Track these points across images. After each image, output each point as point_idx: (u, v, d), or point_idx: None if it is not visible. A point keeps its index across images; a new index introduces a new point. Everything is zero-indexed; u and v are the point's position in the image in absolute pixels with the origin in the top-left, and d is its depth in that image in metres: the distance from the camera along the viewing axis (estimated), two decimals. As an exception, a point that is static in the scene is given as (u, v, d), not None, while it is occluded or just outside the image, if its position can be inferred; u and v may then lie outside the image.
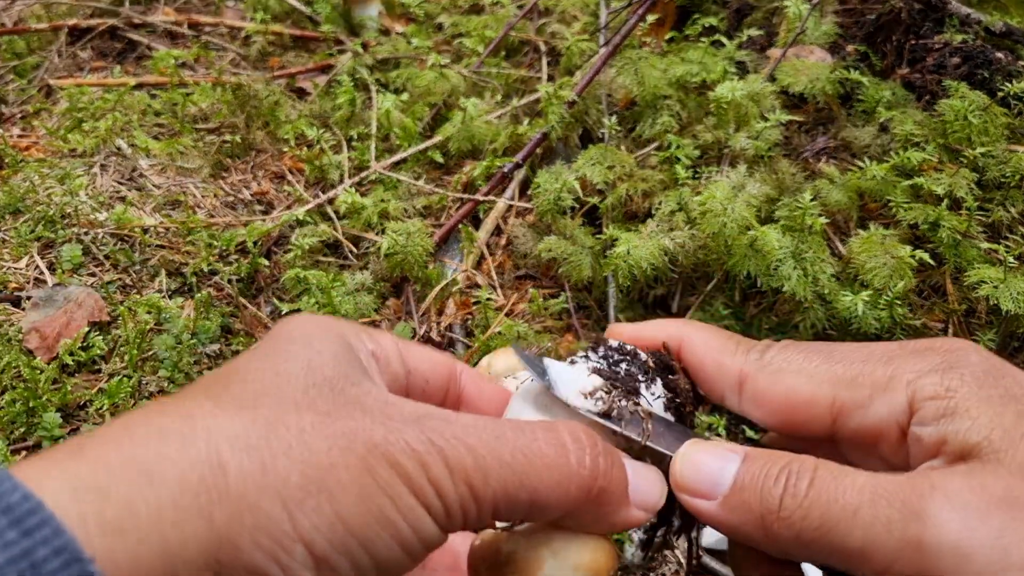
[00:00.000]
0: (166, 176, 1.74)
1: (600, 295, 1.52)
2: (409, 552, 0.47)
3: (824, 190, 1.43)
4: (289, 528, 0.43)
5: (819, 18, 1.73)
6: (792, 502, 0.48)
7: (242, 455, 0.44)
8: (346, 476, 0.45)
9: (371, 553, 0.45)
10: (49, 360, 1.31)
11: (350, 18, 2.26)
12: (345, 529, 0.45)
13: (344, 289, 1.49)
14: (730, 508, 0.50)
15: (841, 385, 0.53)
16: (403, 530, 0.46)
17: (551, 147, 1.72)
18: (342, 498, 0.45)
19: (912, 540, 0.44)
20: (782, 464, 0.50)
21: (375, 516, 0.45)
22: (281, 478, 0.44)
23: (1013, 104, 1.46)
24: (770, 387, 0.55)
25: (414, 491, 0.46)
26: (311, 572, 0.44)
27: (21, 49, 2.19)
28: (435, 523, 0.47)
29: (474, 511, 0.48)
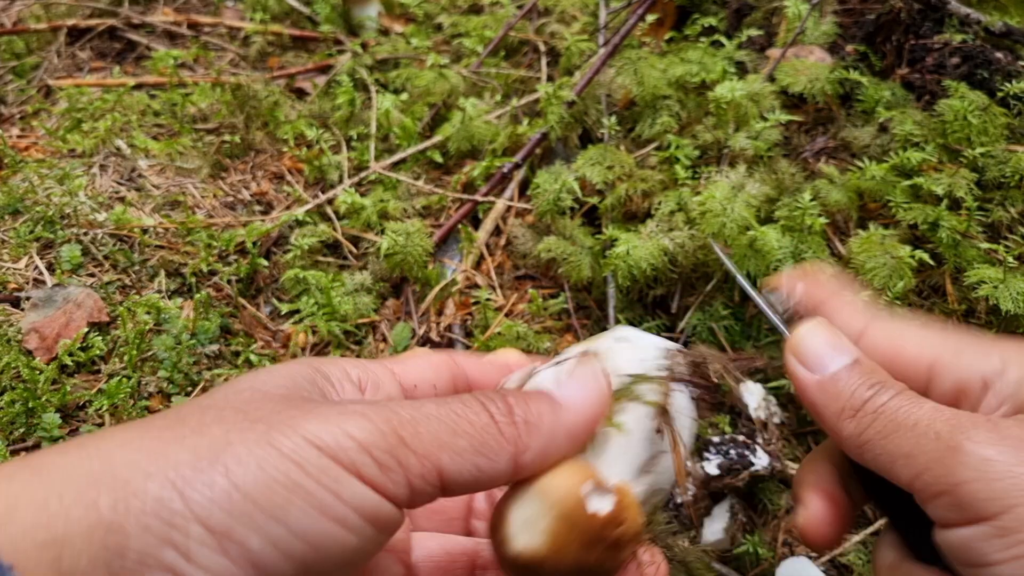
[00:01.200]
0: (165, 176, 1.74)
1: (600, 295, 1.52)
2: (339, 520, 0.45)
3: (823, 190, 1.42)
4: (180, 506, 0.42)
5: (818, 18, 1.73)
6: (870, 406, 0.55)
7: (133, 451, 0.44)
8: (243, 450, 0.45)
9: (285, 522, 0.44)
10: (48, 361, 1.31)
11: (349, 18, 2.26)
12: (244, 498, 0.43)
13: (343, 289, 1.49)
14: (822, 389, 0.58)
15: (947, 349, 0.59)
16: (318, 494, 0.44)
17: (550, 147, 1.72)
18: (238, 469, 0.44)
19: (953, 445, 0.50)
20: (880, 377, 0.57)
21: (281, 482, 0.44)
22: (171, 462, 0.44)
23: (1013, 104, 1.46)
24: (885, 341, 0.61)
25: (328, 455, 0.45)
26: (213, 550, 0.42)
27: (20, 49, 2.19)
28: (363, 484, 0.46)
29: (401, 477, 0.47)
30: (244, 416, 0.47)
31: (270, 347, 1.45)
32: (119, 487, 0.42)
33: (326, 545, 0.45)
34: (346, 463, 0.46)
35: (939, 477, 0.50)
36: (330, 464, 0.45)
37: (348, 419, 0.47)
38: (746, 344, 1.41)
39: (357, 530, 0.46)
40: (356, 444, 0.46)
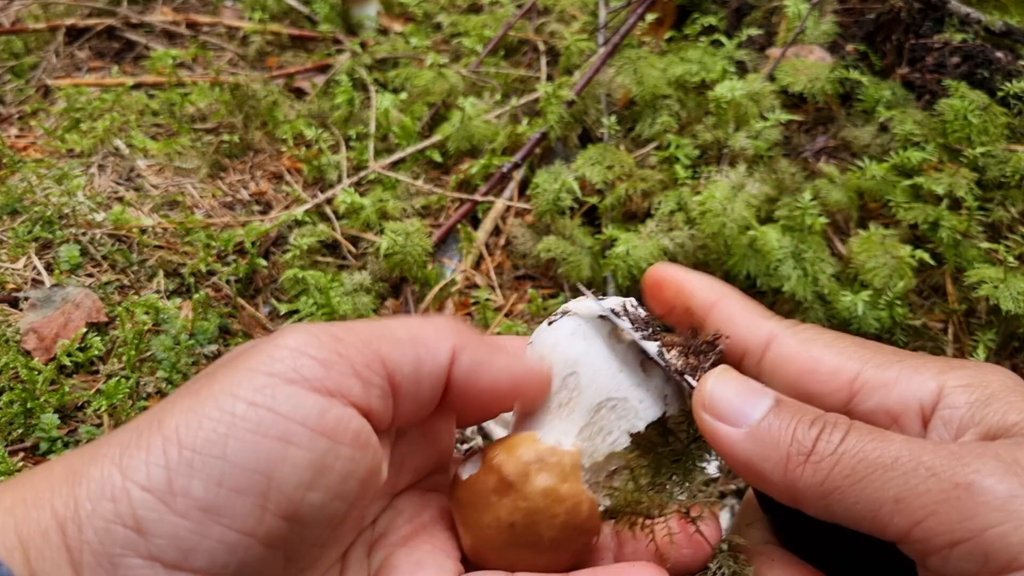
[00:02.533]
0: (164, 176, 1.74)
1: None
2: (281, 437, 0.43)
3: (824, 190, 1.42)
4: (119, 479, 0.42)
5: (818, 17, 1.73)
6: (825, 447, 0.46)
7: (89, 449, 0.45)
8: (181, 406, 0.44)
9: (223, 456, 0.42)
10: (47, 361, 1.31)
11: (348, 17, 2.26)
12: (179, 447, 0.42)
13: (342, 289, 1.49)
14: (756, 440, 0.49)
15: (869, 363, 0.52)
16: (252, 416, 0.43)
17: (550, 147, 1.72)
18: (172, 422, 0.43)
19: (963, 483, 0.42)
20: (816, 414, 0.49)
21: (214, 418, 0.43)
22: (110, 442, 0.44)
23: (1013, 103, 1.46)
24: (797, 353, 0.54)
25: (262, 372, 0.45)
26: (159, 511, 0.41)
27: (19, 49, 2.19)
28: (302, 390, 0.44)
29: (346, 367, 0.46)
30: (192, 383, 0.47)
31: (269, 347, 1.45)
32: (70, 481, 0.42)
33: (275, 468, 0.43)
34: (282, 372, 0.45)
35: (954, 523, 0.42)
36: (265, 380, 0.44)
37: (284, 334, 0.47)
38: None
39: (306, 443, 0.44)
40: (291, 352, 0.45)
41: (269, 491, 0.43)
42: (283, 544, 0.44)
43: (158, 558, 0.41)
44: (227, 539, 0.42)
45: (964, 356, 1.30)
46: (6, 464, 1.14)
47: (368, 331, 0.49)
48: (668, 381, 0.56)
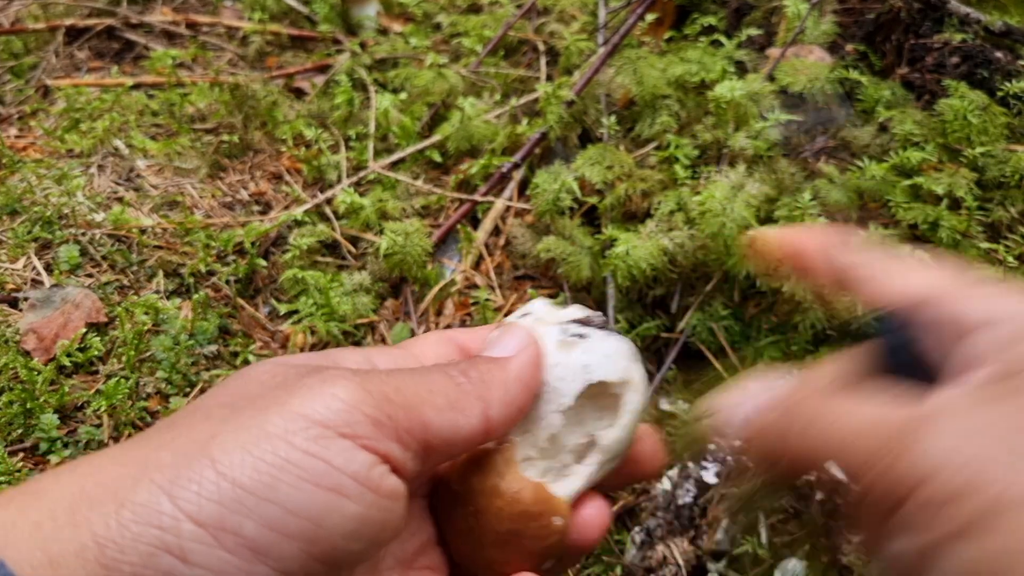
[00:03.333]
0: (163, 176, 1.74)
1: (599, 295, 1.52)
2: (334, 488, 0.44)
3: (823, 190, 1.42)
4: (169, 507, 0.42)
5: (818, 17, 1.73)
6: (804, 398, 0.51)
7: (121, 464, 0.44)
8: (229, 438, 0.44)
9: (276, 501, 0.43)
10: (46, 361, 1.31)
11: (348, 17, 2.26)
12: (232, 485, 0.43)
13: (342, 289, 1.49)
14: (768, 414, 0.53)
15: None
16: (308, 465, 0.44)
17: (550, 147, 1.72)
18: (224, 458, 0.43)
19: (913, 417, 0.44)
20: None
21: (268, 461, 0.43)
22: (155, 465, 0.43)
23: (1012, 103, 1.46)
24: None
25: (317, 422, 0.45)
26: (208, 545, 0.42)
27: (18, 49, 2.19)
28: (354, 446, 0.45)
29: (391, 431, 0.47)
30: (231, 408, 0.47)
31: (269, 347, 1.45)
32: (108, 500, 0.42)
33: (325, 517, 0.44)
34: (337, 425, 0.46)
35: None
36: (320, 431, 0.45)
37: (336, 383, 0.47)
38: (746, 344, 1.41)
39: (356, 496, 0.45)
40: (345, 405, 0.46)
41: (317, 538, 0.44)
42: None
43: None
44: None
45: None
46: (6, 464, 1.14)
47: (414, 394, 0.50)
48: (588, 352, 0.58)
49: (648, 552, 1.15)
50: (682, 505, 1.17)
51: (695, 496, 1.18)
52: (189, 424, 0.47)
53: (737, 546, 1.20)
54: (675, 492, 1.19)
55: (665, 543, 1.15)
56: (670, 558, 1.14)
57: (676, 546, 1.14)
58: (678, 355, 1.43)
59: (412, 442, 0.49)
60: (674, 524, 1.16)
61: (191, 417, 0.48)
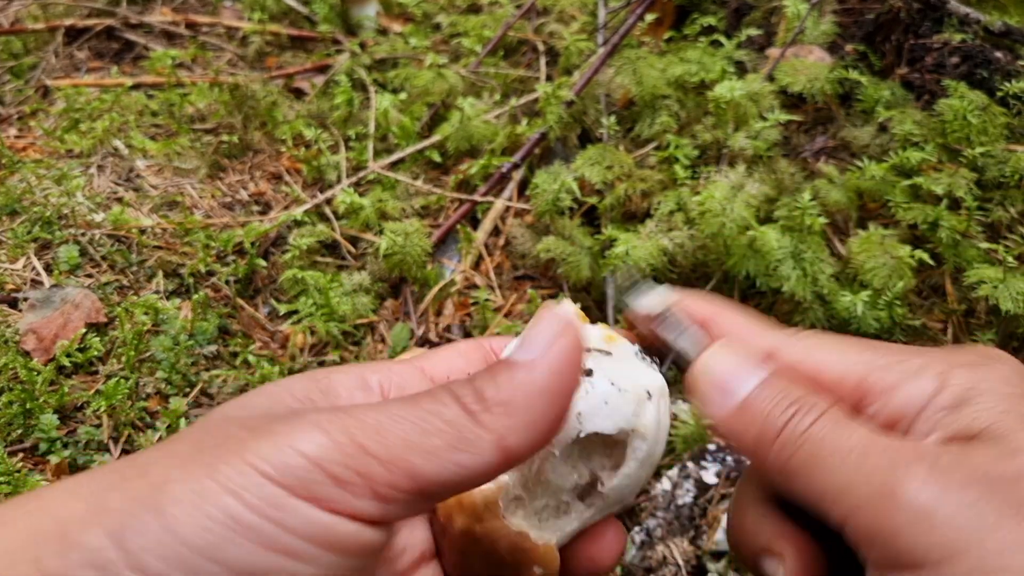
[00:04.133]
0: (163, 177, 1.74)
1: (599, 295, 1.52)
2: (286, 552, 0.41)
3: (823, 190, 1.42)
4: (115, 555, 0.40)
5: (818, 17, 1.73)
6: (793, 431, 0.49)
7: (76, 501, 0.43)
8: (181, 488, 0.42)
9: (224, 562, 0.41)
10: (46, 362, 1.31)
11: (348, 18, 2.26)
12: (177, 541, 0.40)
13: (342, 290, 1.49)
14: (739, 415, 0.51)
15: (873, 368, 0.52)
16: (259, 527, 0.41)
17: (549, 147, 1.72)
18: (173, 510, 0.41)
19: (887, 490, 0.44)
20: (796, 396, 0.50)
21: (217, 519, 0.41)
22: (108, 509, 0.42)
23: (1012, 104, 1.46)
24: (800, 361, 0.54)
25: (272, 480, 0.41)
26: None
27: (18, 49, 2.18)
28: (313, 507, 0.42)
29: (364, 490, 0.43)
30: (196, 448, 0.44)
31: (268, 348, 1.45)
32: (59, 541, 0.41)
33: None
34: (293, 485, 0.42)
35: (877, 517, 0.44)
36: (274, 491, 0.42)
37: (300, 434, 0.43)
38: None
39: (312, 559, 0.42)
40: (306, 462, 0.42)
41: None
42: None
43: None
44: None
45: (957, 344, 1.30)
46: (5, 464, 1.14)
47: (400, 439, 0.44)
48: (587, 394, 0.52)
49: (648, 552, 1.15)
50: (682, 505, 1.17)
51: (695, 496, 1.18)
52: (147, 462, 0.44)
53: (737, 546, 1.20)
54: (675, 492, 1.19)
55: (665, 543, 1.15)
56: (670, 558, 1.14)
57: (676, 546, 1.14)
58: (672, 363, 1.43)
59: (395, 494, 0.44)
60: (674, 524, 1.16)
61: (154, 453, 0.45)
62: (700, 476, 1.19)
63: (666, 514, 1.17)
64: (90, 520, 0.42)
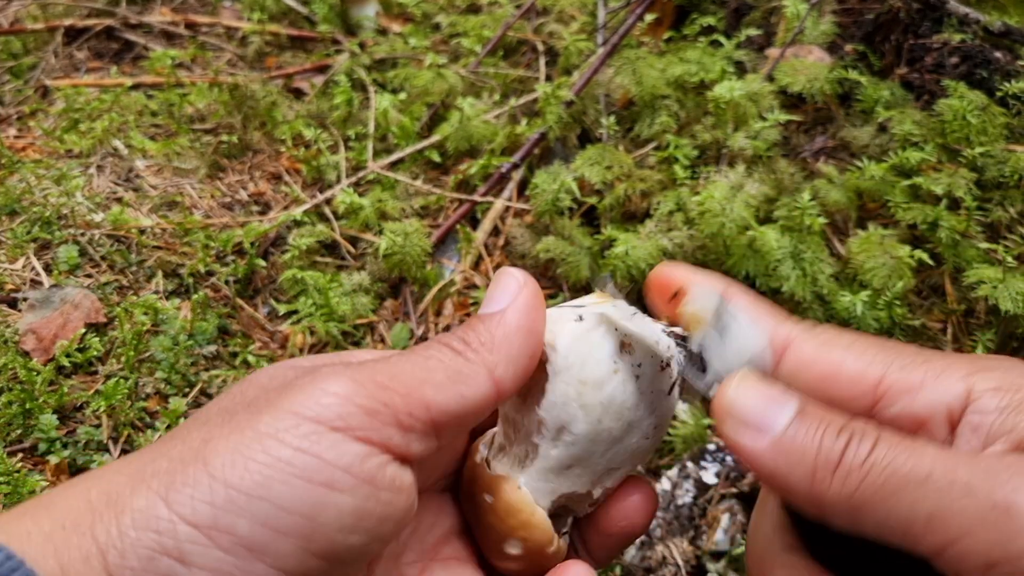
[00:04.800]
0: (163, 177, 1.74)
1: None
2: (326, 483, 0.44)
3: (823, 190, 1.42)
4: (165, 512, 0.43)
5: (817, 18, 1.73)
6: (853, 460, 0.44)
7: (124, 474, 0.45)
8: (222, 442, 0.45)
9: (268, 499, 0.43)
10: (46, 362, 1.31)
11: (347, 18, 2.26)
12: (224, 485, 0.43)
13: (341, 290, 1.49)
14: (781, 450, 0.46)
15: (893, 366, 0.50)
16: (298, 461, 0.44)
17: (549, 147, 1.72)
18: (216, 460, 0.44)
19: (1002, 503, 0.40)
20: (843, 422, 0.46)
21: (259, 460, 0.44)
22: (152, 472, 0.44)
23: (1012, 104, 1.46)
24: (816, 357, 0.52)
25: (308, 418, 0.45)
26: (204, 546, 0.42)
27: (17, 49, 2.18)
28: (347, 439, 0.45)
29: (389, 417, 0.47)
30: (228, 413, 0.48)
31: (268, 348, 1.45)
32: (110, 508, 0.43)
33: (319, 512, 0.44)
34: (328, 419, 0.46)
35: (992, 545, 0.39)
36: (310, 427, 0.45)
37: (327, 380, 0.47)
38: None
39: (349, 489, 0.45)
40: (337, 399, 0.46)
41: (313, 533, 0.44)
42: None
43: None
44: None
45: (963, 356, 1.30)
46: (5, 464, 1.13)
47: (411, 375, 0.49)
48: None
49: (648, 552, 1.15)
50: (681, 505, 1.17)
51: (695, 496, 1.18)
52: (187, 431, 0.48)
53: (737, 546, 1.20)
54: (674, 492, 1.19)
55: (664, 543, 1.15)
56: (669, 558, 1.14)
57: (676, 546, 1.14)
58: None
59: (415, 423, 0.48)
60: (673, 524, 1.16)
61: (190, 424, 0.49)
62: (700, 476, 1.19)
63: (665, 514, 1.17)
64: (137, 485, 0.44)
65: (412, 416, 0.48)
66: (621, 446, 0.56)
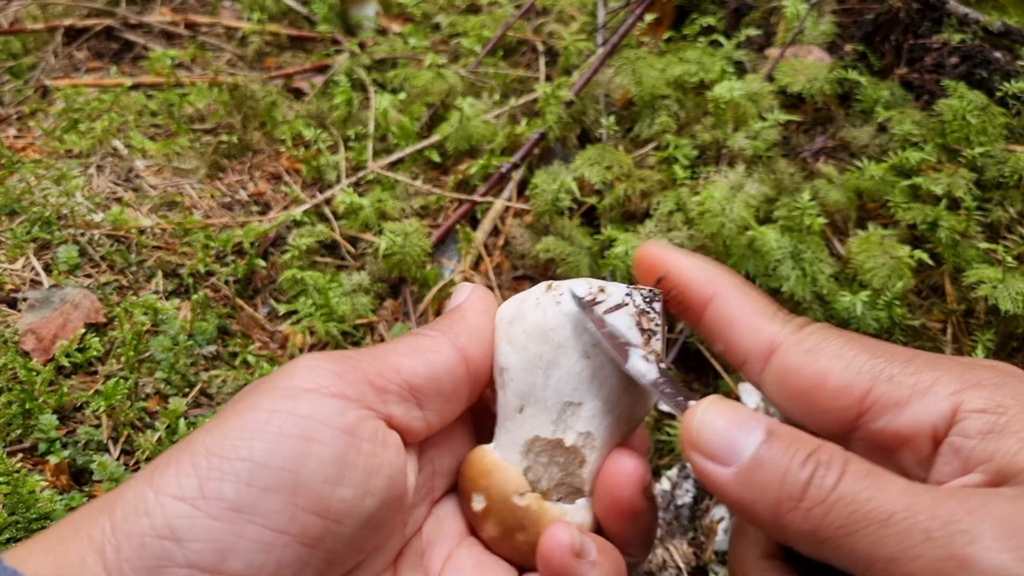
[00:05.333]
0: (162, 177, 1.73)
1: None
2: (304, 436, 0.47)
3: (823, 190, 1.42)
4: (152, 495, 0.45)
5: (817, 18, 1.73)
6: (817, 493, 0.43)
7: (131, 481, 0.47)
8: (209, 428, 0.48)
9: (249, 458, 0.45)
10: (45, 362, 1.30)
11: (347, 18, 2.26)
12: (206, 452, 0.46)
13: (341, 290, 1.49)
14: (745, 482, 0.46)
15: (880, 379, 0.49)
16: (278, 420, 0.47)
17: (549, 147, 1.72)
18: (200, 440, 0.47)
19: (957, 555, 0.39)
20: (810, 449, 0.45)
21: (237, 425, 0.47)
22: (150, 468, 0.47)
23: (1011, 104, 1.46)
24: (802, 365, 0.51)
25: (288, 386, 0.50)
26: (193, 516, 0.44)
27: (17, 49, 2.18)
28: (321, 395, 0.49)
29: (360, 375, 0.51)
30: (220, 414, 0.50)
31: (268, 348, 1.45)
32: (103, 510, 0.45)
33: (301, 464, 0.46)
34: (302, 384, 0.49)
35: None
36: (285, 392, 0.49)
37: (299, 360, 0.52)
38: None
39: (327, 439, 0.47)
40: (307, 368, 0.50)
41: (298, 487, 0.45)
42: (319, 543, 0.46)
43: (196, 564, 0.42)
44: (262, 538, 0.44)
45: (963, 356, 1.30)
46: (5, 464, 1.13)
47: (380, 349, 0.55)
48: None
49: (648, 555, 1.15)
50: (681, 505, 1.17)
51: (695, 496, 1.18)
52: (181, 442, 0.50)
53: (736, 546, 1.19)
54: (674, 492, 1.19)
55: (665, 545, 1.15)
56: (670, 561, 1.14)
57: (676, 548, 1.14)
58: (677, 355, 1.43)
59: (388, 384, 0.52)
60: (673, 524, 1.16)
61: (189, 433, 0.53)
62: (700, 476, 1.19)
63: (665, 514, 1.17)
64: (127, 484, 0.46)
65: (383, 376, 0.52)
66: (562, 371, 0.56)
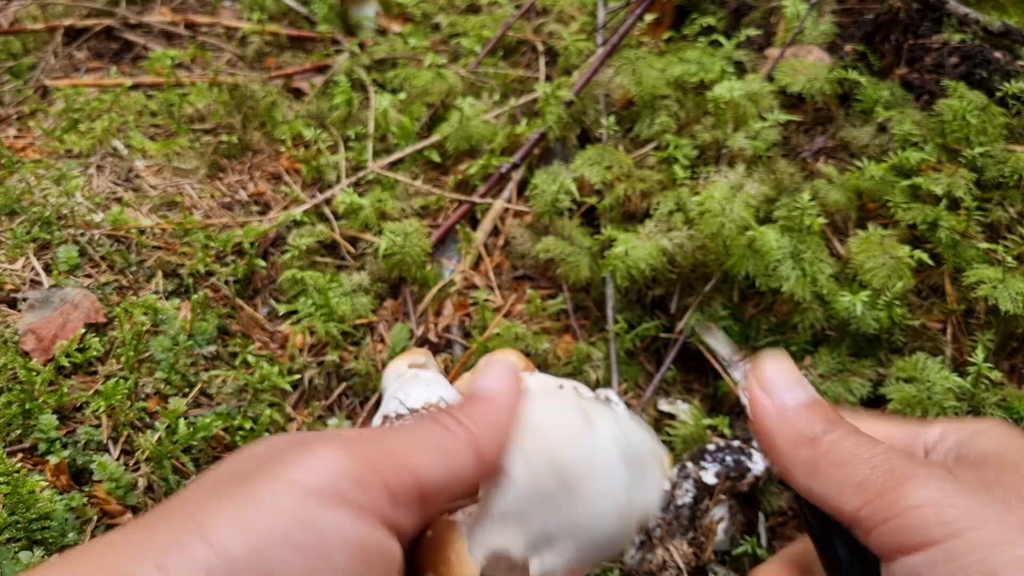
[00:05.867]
0: (162, 177, 1.74)
1: (598, 296, 1.52)
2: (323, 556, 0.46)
3: (822, 190, 1.42)
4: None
5: (817, 18, 1.73)
6: (827, 439, 0.58)
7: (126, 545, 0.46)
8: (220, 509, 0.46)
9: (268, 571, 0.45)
10: (45, 362, 1.30)
11: (347, 18, 2.26)
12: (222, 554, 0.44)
13: (341, 290, 1.49)
14: (781, 417, 0.60)
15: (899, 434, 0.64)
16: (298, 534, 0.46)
17: (549, 147, 1.72)
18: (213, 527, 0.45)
19: (907, 475, 0.53)
20: (832, 417, 0.60)
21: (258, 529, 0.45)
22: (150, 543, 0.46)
23: (1011, 104, 1.46)
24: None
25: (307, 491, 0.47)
26: None
27: (17, 50, 2.18)
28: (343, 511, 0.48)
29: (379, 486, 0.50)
30: (223, 483, 0.49)
31: (267, 348, 1.45)
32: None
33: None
34: (324, 490, 0.48)
35: (890, 503, 0.51)
36: (306, 497, 0.47)
37: (321, 450, 0.50)
38: (744, 344, 1.41)
39: (343, 563, 0.47)
40: (332, 469, 0.49)
41: None
42: None
43: None
44: None
45: (962, 356, 1.30)
46: (5, 465, 1.13)
47: (401, 448, 0.53)
48: None
49: (648, 555, 1.15)
50: (681, 505, 1.17)
51: (695, 496, 1.18)
52: (183, 500, 0.49)
53: (736, 546, 1.20)
54: (674, 492, 1.19)
55: (664, 546, 1.15)
56: (670, 561, 1.14)
57: (676, 548, 1.14)
58: (677, 355, 1.43)
59: (404, 494, 0.51)
60: (673, 524, 1.16)
61: (187, 492, 0.50)
62: (700, 476, 1.19)
63: (665, 514, 1.17)
64: (137, 558, 0.45)
65: (402, 486, 0.51)
66: (557, 509, 0.57)
